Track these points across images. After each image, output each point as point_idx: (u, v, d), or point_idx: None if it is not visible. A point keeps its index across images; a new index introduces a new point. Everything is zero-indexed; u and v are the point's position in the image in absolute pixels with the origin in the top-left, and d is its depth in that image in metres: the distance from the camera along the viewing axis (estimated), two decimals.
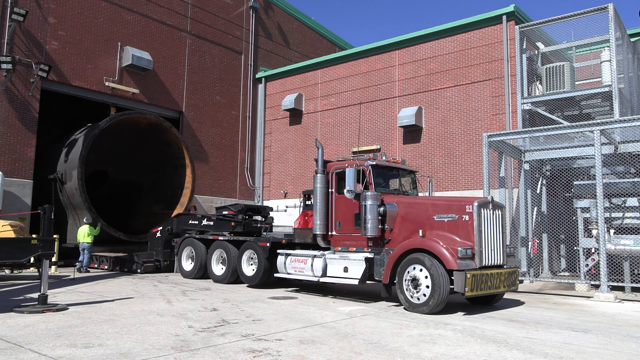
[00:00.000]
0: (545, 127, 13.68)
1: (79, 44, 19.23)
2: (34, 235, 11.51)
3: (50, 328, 7.22)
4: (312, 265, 11.16)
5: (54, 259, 15.11)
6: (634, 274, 12.67)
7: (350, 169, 10.25)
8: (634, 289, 12.51)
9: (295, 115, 24.06)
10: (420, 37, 20.06)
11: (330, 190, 11.33)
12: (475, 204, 9.33)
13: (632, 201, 12.89)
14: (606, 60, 15.41)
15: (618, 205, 13.11)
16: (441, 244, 9.09)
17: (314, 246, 11.67)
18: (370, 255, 10.32)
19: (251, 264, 12.96)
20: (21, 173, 17.50)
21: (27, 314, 8.39)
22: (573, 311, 9.87)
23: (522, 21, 17.53)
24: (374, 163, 10.88)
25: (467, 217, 9.35)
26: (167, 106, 21.85)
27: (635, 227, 12.78)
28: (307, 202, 13.39)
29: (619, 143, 13.26)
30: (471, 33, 18.77)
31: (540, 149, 14.60)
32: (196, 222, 15.45)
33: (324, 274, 10.99)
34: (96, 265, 17.35)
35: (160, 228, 16.55)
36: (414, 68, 20.16)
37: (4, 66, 16.70)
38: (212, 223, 14.95)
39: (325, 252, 11.20)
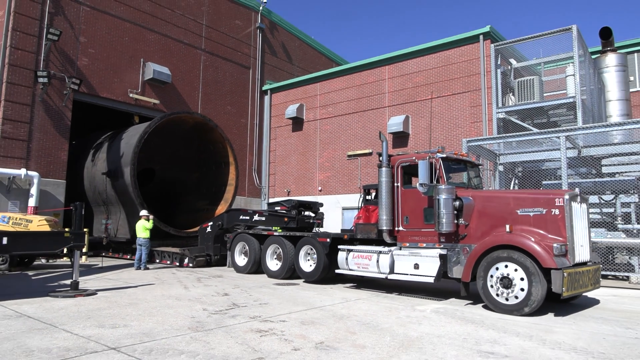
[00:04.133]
0: (517, 133, 13.69)
1: (106, 60, 19.20)
2: (66, 229, 11.48)
3: (81, 311, 7.22)
4: (377, 261, 9.70)
5: (84, 250, 15.02)
6: None
7: (423, 162, 8.98)
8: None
9: (297, 123, 24.03)
10: (407, 54, 20.07)
11: (395, 184, 9.94)
12: (566, 196, 7.90)
13: (592, 198, 12.93)
14: (570, 75, 15.41)
15: None
16: (533, 240, 7.65)
17: (376, 242, 10.24)
18: (444, 252, 8.89)
19: (308, 260, 11.60)
20: (55, 174, 17.47)
21: (61, 298, 8.40)
22: None
23: (496, 40, 17.53)
24: (444, 155, 9.48)
25: (557, 211, 7.89)
26: None
27: (595, 222, 12.81)
28: (367, 197, 11.93)
29: (581, 147, 13.29)
30: (452, 50, 18.78)
31: (513, 153, 14.59)
32: (247, 218, 14.09)
33: (392, 271, 9.52)
34: (157, 260, 15.72)
35: (211, 223, 15.15)
36: (402, 81, 20.15)
37: (41, 80, 16.69)
38: (263, 219, 13.64)
39: (392, 248, 9.73)
